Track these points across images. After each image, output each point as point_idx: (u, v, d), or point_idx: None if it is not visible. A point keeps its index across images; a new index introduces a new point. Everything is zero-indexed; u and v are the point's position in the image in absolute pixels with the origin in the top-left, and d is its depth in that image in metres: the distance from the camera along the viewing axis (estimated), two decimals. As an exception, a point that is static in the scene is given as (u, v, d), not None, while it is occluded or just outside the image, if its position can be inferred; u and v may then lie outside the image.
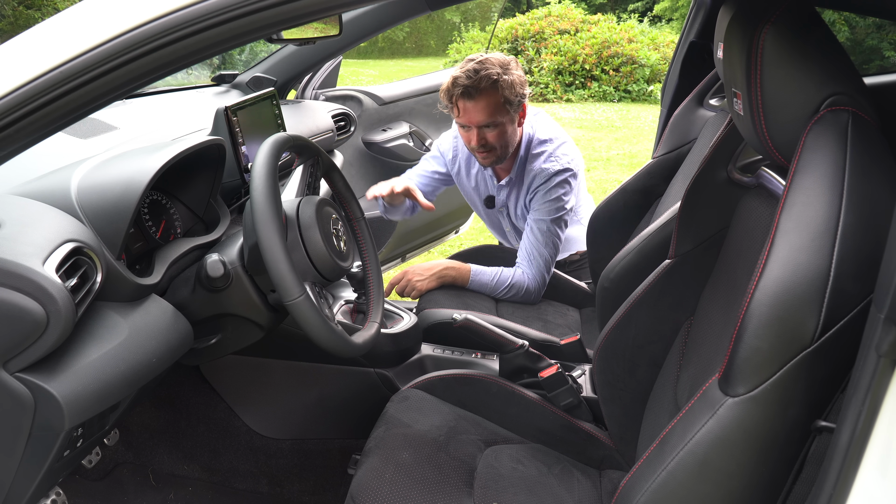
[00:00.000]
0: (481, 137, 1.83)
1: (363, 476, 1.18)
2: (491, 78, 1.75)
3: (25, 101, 0.77)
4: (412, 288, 1.93)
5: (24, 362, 0.90)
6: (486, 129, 1.82)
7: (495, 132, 1.82)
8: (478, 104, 1.77)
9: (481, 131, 1.82)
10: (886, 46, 10.48)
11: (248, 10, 0.76)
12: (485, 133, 1.82)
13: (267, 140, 1.14)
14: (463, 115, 1.81)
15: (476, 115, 1.79)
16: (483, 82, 1.74)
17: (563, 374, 1.41)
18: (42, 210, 1.01)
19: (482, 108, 1.78)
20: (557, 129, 2.00)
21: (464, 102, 1.78)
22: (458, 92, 1.77)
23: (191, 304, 1.22)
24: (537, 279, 1.95)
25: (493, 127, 1.81)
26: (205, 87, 2.33)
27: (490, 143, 1.83)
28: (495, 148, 1.85)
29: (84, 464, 1.60)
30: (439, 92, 1.87)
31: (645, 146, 7.01)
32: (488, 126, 1.81)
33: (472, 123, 1.81)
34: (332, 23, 1.44)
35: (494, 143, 1.84)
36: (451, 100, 1.81)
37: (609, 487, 1.27)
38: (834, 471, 0.66)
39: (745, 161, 1.14)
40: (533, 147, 1.93)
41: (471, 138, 1.84)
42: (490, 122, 1.80)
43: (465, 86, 1.75)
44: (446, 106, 1.87)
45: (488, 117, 1.79)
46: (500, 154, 1.88)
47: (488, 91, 1.75)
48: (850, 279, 0.72)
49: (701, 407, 0.81)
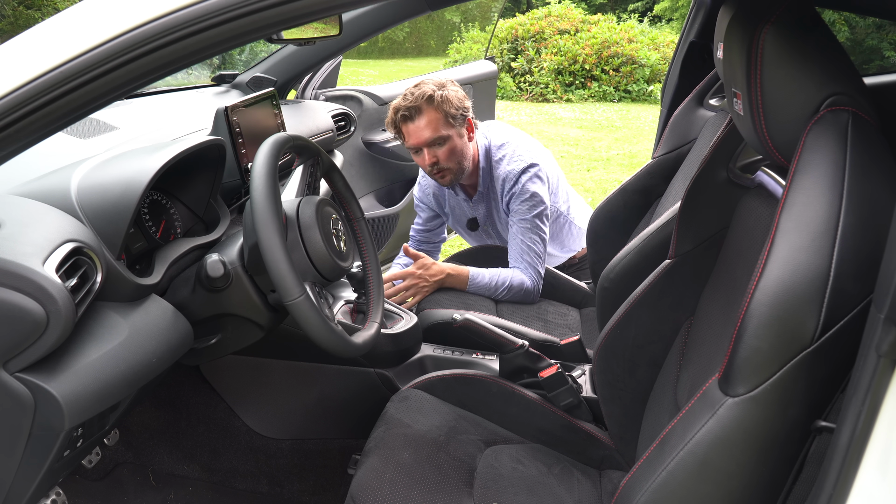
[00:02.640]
0: (432, 156, 1.86)
1: (363, 476, 1.18)
2: (426, 94, 1.80)
3: (25, 101, 0.77)
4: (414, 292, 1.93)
5: (24, 362, 0.90)
6: (434, 147, 1.86)
7: (444, 149, 1.86)
8: (419, 123, 1.83)
9: (431, 150, 1.86)
10: (886, 46, 10.48)
11: (248, 10, 0.76)
12: (435, 152, 1.86)
13: (267, 140, 1.14)
14: (410, 138, 1.86)
15: (420, 134, 1.84)
16: (419, 100, 1.81)
17: (563, 374, 1.41)
18: (42, 210, 1.01)
19: (424, 126, 1.83)
20: (512, 131, 2.04)
21: (406, 126, 1.84)
22: (399, 117, 1.84)
23: (191, 304, 1.22)
24: (533, 276, 1.96)
25: (441, 143, 1.86)
26: (205, 87, 2.33)
27: (441, 161, 1.87)
28: (449, 166, 1.89)
29: (84, 464, 1.60)
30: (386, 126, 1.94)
31: (645, 146, 7.01)
32: (435, 143, 1.85)
33: (420, 143, 1.85)
34: (332, 23, 1.44)
35: (445, 160, 1.88)
36: (396, 128, 1.87)
37: (609, 487, 1.27)
38: (834, 471, 0.66)
39: (745, 161, 1.14)
40: (493, 154, 1.97)
41: (423, 160, 1.89)
42: (435, 138, 1.84)
43: (404, 108, 1.82)
44: (395, 138, 1.93)
45: (432, 132, 1.83)
46: (456, 171, 1.92)
47: (426, 108, 1.81)
48: (850, 279, 0.72)
49: (701, 407, 0.81)
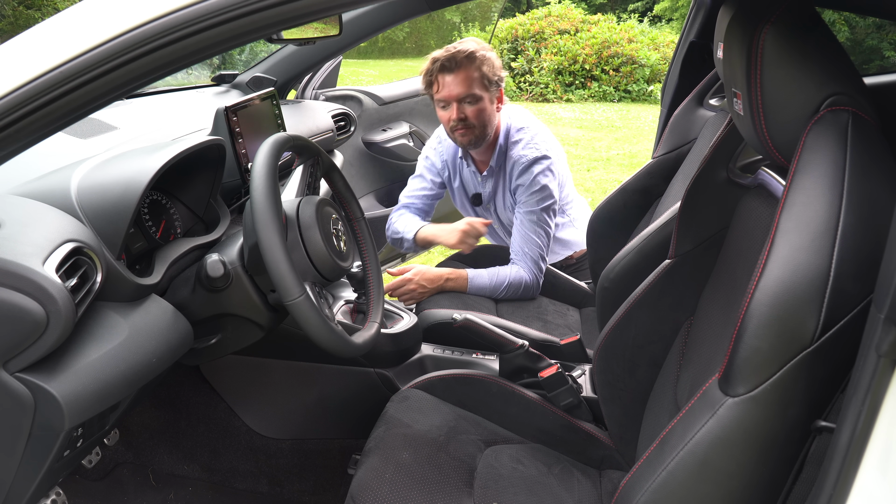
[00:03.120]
0: (460, 111, 1.86)
1: (363, 476, 1.18)
2: (468, 50, 1.81)
3: (25, 101, 0.77)
4: (412, 298, 1.93)
5: (24, 362, 0.90)
6: (464, 103, 1.85)
7: (474, 108, 1.86)
8: (456, 77, 1.82)
9: (461, 106, 1.86)
10: (886, 46, 10.48)
11: (248, 10, 0.76)
12: (464, 108, 1.86)
13: (267, 140, 1.14)
14: (442, 90, 1.85)
15: (455, 88, 1.83)
16: (460, 55, 1.81)
17: (563, 374, 1.41)
18: (42, 210, 1.01)
19: (461, 81, 1.82)
20: (533, 119, 2.03)
21: (443, 76, 1.83)
22: (436, 67, 1.83)
23: (191, 304, 1.22)
24: (534, 271, 1.96)
25: (472, 102, 1.85)
26: (205, 87, 2.33)
27: (469, 118, 1.87)
28: (474, 125, 1.88)
29: (84, 464, 1.60)
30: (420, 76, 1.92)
31: (645, 146, 7.01)
32: (467, 100, 1.85)
33: (452, 97, 1.85)
34: (332, 23, 1.44)
35: (473, 119, 1.87)
36: (431, 77, 1.86)
37: (609, 487, 1.27)
38: (834, 471, 0.66)
39: (745, 161, 1.14)
40: (511, 135, 1.97)
41: (450, 115, 1.87)
42: (468, 95, 1.84)
43: (443, 59, 1.81)
44: (425, 90, 1.91)
45: (467, 89, 1.83)
46: (479, 133, 1.90)
47: (466, 64, 1.81)
48: (850, 279, 0.72)
49: (701, 407, 0.81)
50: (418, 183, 2.19)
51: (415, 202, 2.18)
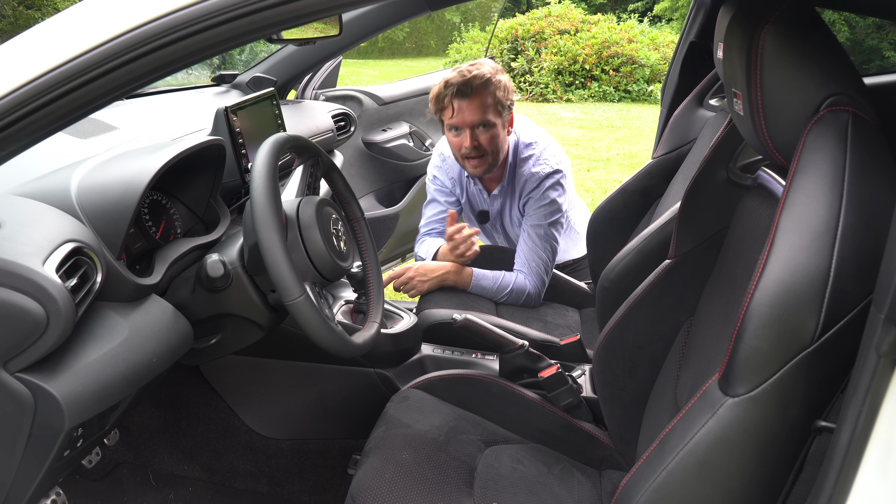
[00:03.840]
0: (474, 139, 1.81)
1: (363, 476, 1.18)
2: (484, 76, 1.76)
3: (25, 101, 0.77)
4: (412, 287, 1.92)
5: (24, 362, 0.90)
6: (478, 130, 1.81)
7: (488, 135, 1.82)
8: (472, 103, 1.77)
9: (474, 133, 1.81)
10: (886, 46, 10.48)
11: (248, 11, 0.76)
12: (477, 135, 1.81)
13: (267, 140, 1.14)
14: (456, 116, 1.80)
15: (470, 115, 1.78)
16: (476, 81, 1.75)
17: (563, 374, 1.41)
18: (42, 210, 1.01)
19: (476, 107, 1.77)
20: (539, 132, 2.00)
21: (458, 102, 1.77)
22: (451, 92, 1.77)
23: (191, 304, 1.22)
24: (537, 284, 1.95)
25: (486, 128, 1.81)
26: (205, 87, 2.33)
27: (482, 146, 1.82)
28: (487, 153, 1.84)
29: (84, 464, 1.60)
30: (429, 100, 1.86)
31: (645, 146, 7.01)
32: (481, 127, 1.80)
33: (466, 123, 1.80)
34: (332, 23, 1.44)
35: (487, 146, 1.83)
36: (444, 102, 1.80)
37: (609, 487, 1.27)
38: (834, 471, 0.66)
39: (745, 161, 1.14)
40: (520, 152, 1.93)
41: (462, 142, 1.83)
42: (483, 122, 1.79)
43: (458, 84, 1.75)
44: (435, 112, 1.86)
45: (482, 115, 1.78)
46: (492, 161, 1.87)
47: (482, 89, 1.76)
48: (850, 279, 0.72)
49: (701, 407, 0.81)
50: (434, 209, 2.12)
51: (435, 227, 2.13)
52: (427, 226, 2.13)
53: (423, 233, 2.14)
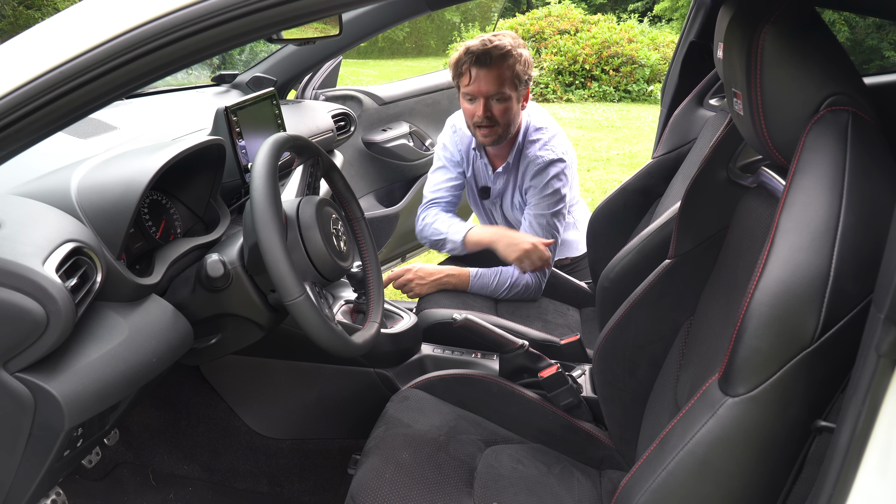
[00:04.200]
0: (487, 109, 1.81)
1: (363, 476, 1.18)
2: (505, 48, 1.76)
3: (25, 101, 0.77)
4: (410, 289, 1.92)
5: (24, 362, 0.90)
6: (493, 101, 1.81)
7: (501, 106, 1.82)
8: (490, 73, 1.77)
9: (488, 102, 1.81)
10: (886, 46, 10.48)
11: (248, 10, 0.76)
12: (491, 105, 1.81)
13: (267, 140, 1.14)
14: (473, 84, 1.79)
15: (486, 85, 1.78)
16: (496, 52, 1.75)
17: (563, 374, 1.41)
18: (42, 210, 1.01)
19: (494, 78, 1.77)
20: (551, 120, 2.00)
21: (476, 70, 1.77)
22: (470, 59, 1.77)
23: (191, 304, 1.22)
24: (537, 274, 1.94)
25: (501, 100, 1.81)
26: (205, 87, 2.32)
27: (495, 116, 1.82)
28: (499, 123, 1.84)
29: (84, 464, 1.60)
30: (448, 64, 1.86)
31: (645, 146, 7.00)
32: (496, 98, 1.80)
33: (482, 93, 1.80)
34: (332, 23, 1.44)
35: (499, 117, 1.83)
36: (461, 68, 1.80)
37: (609, 487, 1.27)
38: (834, 471, 0.66)
39: (745, 161, 1.14)
40: (529, 134, 1.93)
41: (476, 110, 1.82)
42: (498, 94, 1.79)
43: (478, 53, 1.75)
44: (453, 78, 1.86)
45: (498, 87, 1.78)
46: (502, 132, 1.87)
47: (501, 61, 1.76)
48: (850, 279, 0.72)
49: (701, 407, 0.81)
50: (443, 175, 2.09)
51: (444, 195, 2.08)
52: (434, 192, 2.09)
53: (430, 200, 2.09)
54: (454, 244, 1.99)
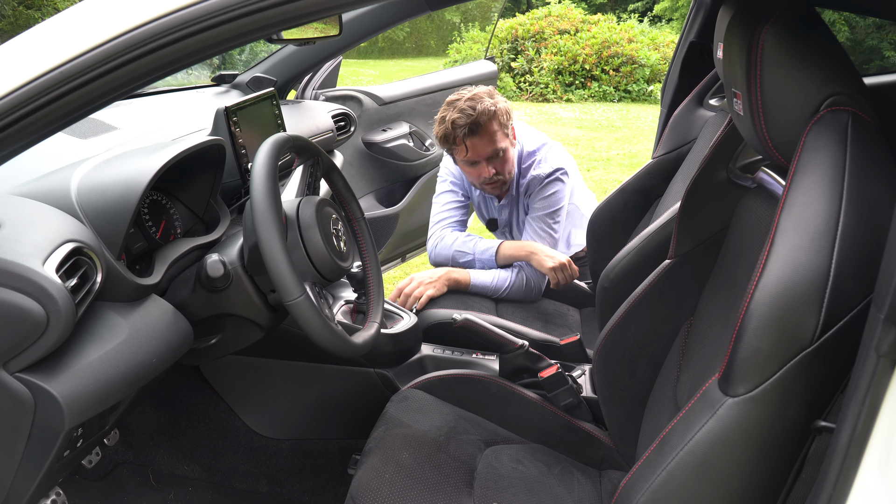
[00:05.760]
0: (492, 169, 1.89)
1: (363, 476, 1.18)
2: (489, 110, 1.81)
3: (25, 102, 0.77)
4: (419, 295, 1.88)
5: (24, 362, 0.90)
6: (493, 160, 1.88)
7: (501, 160, 1.89)
8: (482, 138, 1.84)
9: (491, 163, 1.88)
10: (886, 46, 10.48)
11: (248, 11, 0.76)
12: (494, 164, 1.89)
13: (267, 140, 1.14)
14: (472, 152, 1.86)
15: (483, 149, 1.85)
16: (483, 116, 1.81)
17: (563, 374, 1.41)
18: (42, 210, 1.01)
19: (488, 140, 1.84)
20: (540, 137, 2.05)
21: (471, 140, 1.84)
22: (462, 133, 1.82)
23: (191, 304, 1.22)
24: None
25: (500, 155, 1.88)
26: (205, 87, 2.33)
27: (500, 172, 1.91)
28: (504, 177, 1.93)
29: (84, 464, 1.60)
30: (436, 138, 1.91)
31: (645, 146, 7.01)
32: (496, 156, 1.87)
33: (483, 157, 1.87)
34: (332, 23, 1.44)
35: (503, 171, 1.91)
36: (454, 142, 1.85)
37: (609, 487, 1.27)
38: (834, 471, 0.66)
39: (745, 161, 1.14)
40: (524, 161, 2.00)
41: (481, 173, 1.90)
42: (498, 151, 1.86)
43: (468, 124, 1.81)
44: (447, 151, 1.93)
45: (494, 146, 1.85)
46: (509, 179, 1.96)
47: (488, 122, 1.82)
48: (849, 279, 0.72)
49: (701, 407, 0.81)
50: (449, 197, 2.12)
51: (453, 215, 2.10)
52: (444, 214, 2.10)
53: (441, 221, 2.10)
54: (485, 262, 1.99)
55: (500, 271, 1.96)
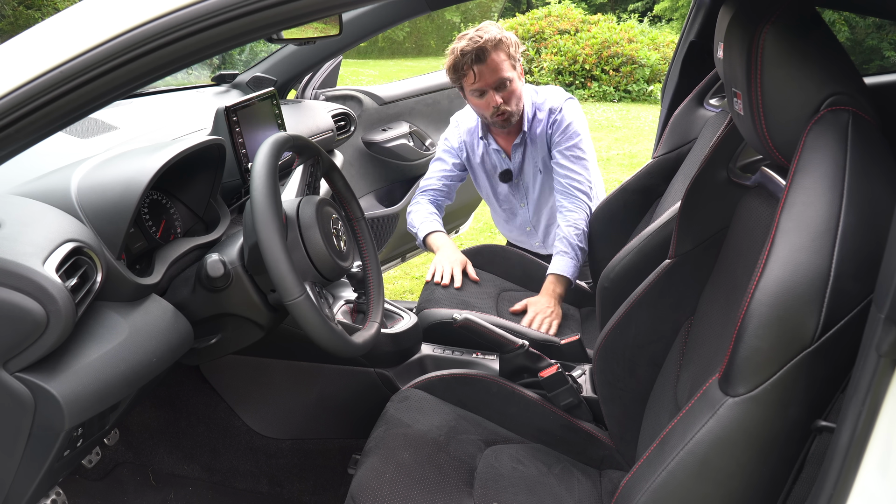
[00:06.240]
0: (498, 98, 1.90)
1: (363, 476, 1.18)
2: (495, 37, 1.85)
3: (25, 101, 0.77)
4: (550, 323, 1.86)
5: (24, 362, 0.90)
6: (500, 89, 1.90)
7: (508, 90, 1.92)
8: (489, 65, 1.86)
9: (497, 92, 1.90)
10: (886, 46, 10.48)
11: (248, 10, 0.76)
12: (501, 94, 1.91)
13: (267, 140, 1.14)
14: (478, 80, 1.89)
15: (491, 76, 1.87)
16: (489, 44, 1.84)
17: (563, 373, 1.41)
18: (42, 210, 1.01)
19: (495, 67, 1.87)
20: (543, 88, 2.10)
21: (478, 66, 1.87)
22: (468, 59, 1.86)
23: (191, 303, 1.22)
24: (584, 210, 2.01)
25: (505, 85, 1.91)
26: (205, 87, 2.33)
27: (506, 102, 1.92)
28: (511, 108, 1.94)
29: (84, 464, 1.60)
30: (445, 70, 1.95)
31: (645, 146, 7.01)
32: (502, 85, 1.90)
33: (489, 85, 1.89)
34: (332, 23, 1.44)
35: (510, 101, 1.93)
36: (462, 69, 1.89)
37: (609, 487, 1.27)
38: (834, 471, 0.66)
39: (746, 161, 1.14)
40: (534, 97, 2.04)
41: (489, 101, 1.92)
42: (502, 80, 1.89)
43: (474, 50, 1.84)
44: (454, 82, 1.95)
45: (501, 74, 1.88)
46: (516, 112, 1.97)
47: (495, 50, 1.86)
48: (850, 279, 0.72)
49: (701, 407, 0.81)
50: (438, 165, 2.21)
51: (434, 185, 2.19)
52: (428, 180, 2.21)
53: (422, 188, 2.21)
54: (418, 240, 2.15)
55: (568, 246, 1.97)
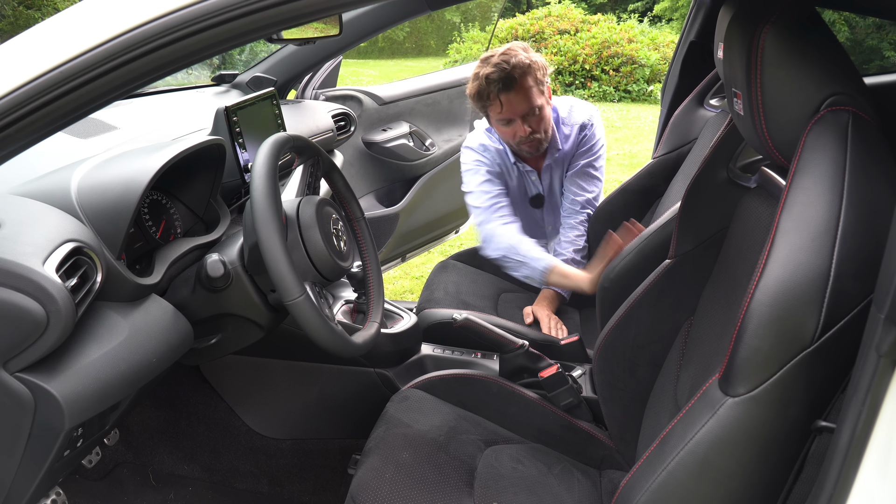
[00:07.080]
0: (528, 127, 1.80)
1: (363, 476, 1.18)
2: (523, 64, 1.73)
3: (25, 101, 0.77)
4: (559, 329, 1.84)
5: (24, 362, 0.90)
6: (529, 117, 1.79)
7: (537, 118, 1.81)
8: (518, 94, 1.75)
9: (527, 120, 1.80)
10: (886, 46, 10.48)
11: (248, 10, 0.76)
12: (530, 122, 1.80)
13: (267, 140, 1.14)
14: (507, 109, 1.77)
15: (519, 105, 1.76)
16: (517, 70, 1.72)
17: (563, 374, 1.41)
18: (42, 210, 1.01)
19: (523, 97, 1.75)
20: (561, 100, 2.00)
21: (506, 95, 1.75)
22: (496, 88, 1.74)
23: (191, 303, 1.22)
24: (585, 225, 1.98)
25: (536, 112, 1.79)
26: (205, 87, 2.32)
27: (536, 130, 1.82)
28: (541, 136, 1.84)
29: (84, 464, 1.60)
30: (469, 97, 1.83)
31: (645, 146, 7.00)
32: (532, 113, 1.79)
33: (518, 114, 1.78)
34: (332, 23, 1.44)
35: (539, 128, 1.82)
36: (488, 98, 1.77)
37: (609, 487, 1.27)
38: (834, 471, 0.66)
39: (746, 161, 1.14)
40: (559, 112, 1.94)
41: (517, 131, 1.81)
42: (534, 108, 1.78)
43: (502, 79, 1.73)
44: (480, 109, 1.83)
45: (530, 103, 1.77)
46: (545, 138, 1.86)
47: (523, 76, 1.74)
48: (850, 279, 0.72)
49: (701, 407, 0.81)
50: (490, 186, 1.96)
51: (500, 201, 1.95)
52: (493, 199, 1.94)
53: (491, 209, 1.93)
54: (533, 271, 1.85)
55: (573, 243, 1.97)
